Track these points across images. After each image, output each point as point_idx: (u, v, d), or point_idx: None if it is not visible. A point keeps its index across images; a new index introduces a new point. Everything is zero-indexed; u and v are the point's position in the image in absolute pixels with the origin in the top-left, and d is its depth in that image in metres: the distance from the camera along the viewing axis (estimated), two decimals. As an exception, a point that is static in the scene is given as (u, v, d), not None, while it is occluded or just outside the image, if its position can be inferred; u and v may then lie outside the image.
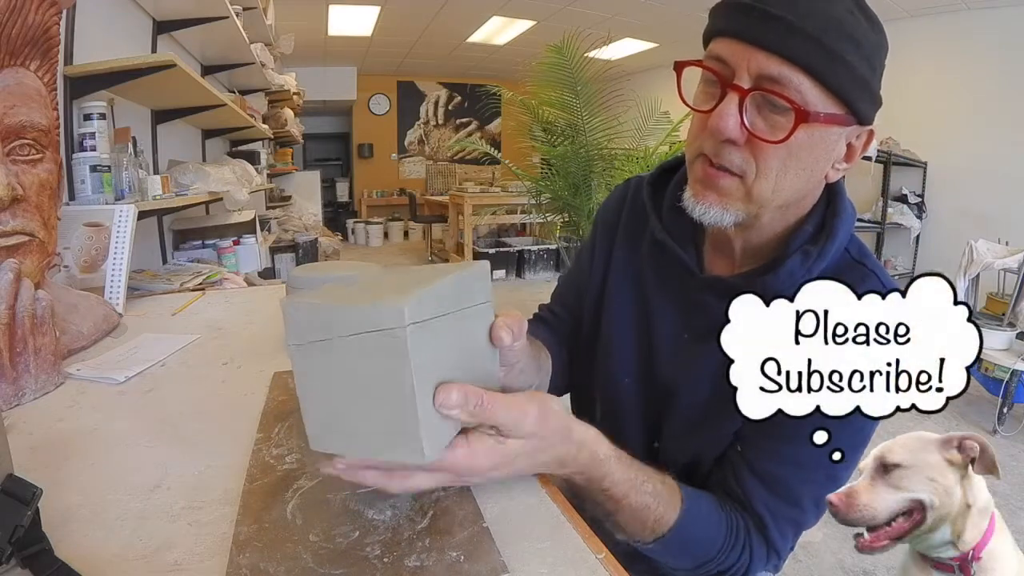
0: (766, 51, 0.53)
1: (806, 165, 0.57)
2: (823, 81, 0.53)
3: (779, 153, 0.55)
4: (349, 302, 0.39)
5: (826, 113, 0.54)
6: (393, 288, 0.42)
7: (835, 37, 0.52)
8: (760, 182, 0.57)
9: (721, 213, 0.59)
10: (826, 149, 0.57)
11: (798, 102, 0.53)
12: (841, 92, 0.54)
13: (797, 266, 0.60)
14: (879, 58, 0.56)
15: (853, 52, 0.53)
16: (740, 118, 0.54)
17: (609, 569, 0.42)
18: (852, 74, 0.53)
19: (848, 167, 0.61)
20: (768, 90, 0.53)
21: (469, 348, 0.46)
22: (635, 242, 0.75)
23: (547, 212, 3.88)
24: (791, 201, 0.61)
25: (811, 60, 0.52)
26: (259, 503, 0.48)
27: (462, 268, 0.46)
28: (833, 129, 0.56)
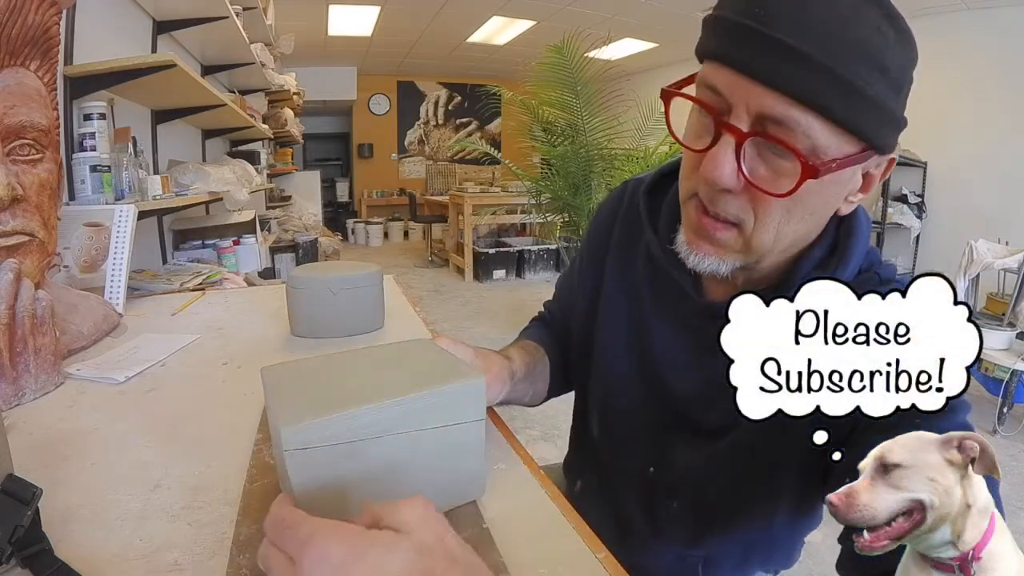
0: (769, 87, 0.44)
1: (814, 210, 0.51)
2: (838, 120, 0.44)
3: (782, 203, 0.48)
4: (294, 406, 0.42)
5: (840, 159, 0.46)
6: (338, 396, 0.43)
7: (855, 66, 0.43)
8: (759, 233, 0.51)
9: (717, 263, 0.54)
10: (838, 190, 0.51)
11: (804, 150, 0.45)
12: (860, 130, 0.45)
13: None
14: (908, 77, 0.46)
15: (878, 81, 0.44)
16: (737, 165, 0.47)
17: (609, 569, 0.42)
18: (874, 107, 0.44)
19: (864, 197, 0.54)
20: (770, 136, 0.46)
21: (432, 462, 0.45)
22: (630, 254, 0.70)
23: (547, 212, 3.88)
24: (796, 244, 0.55)
25: (824, 98, 0.43)
26: (259, 503, 0.48)
27: (457, 377, 0.46)
28: (848, 169, 0.48)
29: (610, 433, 0.73)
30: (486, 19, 5.82)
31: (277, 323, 1.05)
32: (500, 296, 5.09)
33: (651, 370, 0.67)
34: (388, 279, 1.22)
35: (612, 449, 0.73)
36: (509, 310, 4.56)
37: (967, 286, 2.74)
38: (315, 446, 0.40)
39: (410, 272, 6.21)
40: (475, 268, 5.72)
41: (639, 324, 0.68)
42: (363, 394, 0.43)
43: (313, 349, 0.92)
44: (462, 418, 0.46)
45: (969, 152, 4.36)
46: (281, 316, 1.03)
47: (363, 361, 0.51)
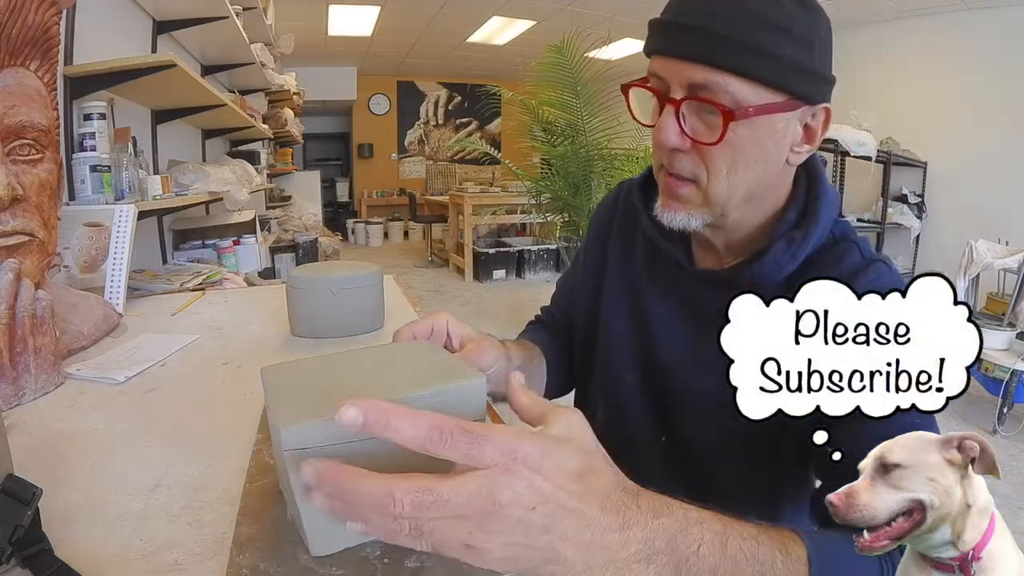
0: (690, 62, 0.55)
1: (755, 157, 0.58)
2: (750, 76, 0.54)
3: (724, 152, 0.57)
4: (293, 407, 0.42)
5: (759, 105, 0.55)
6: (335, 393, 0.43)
7: (754, 32, 0.53)
8: (713, 183, 0.59)
9: (687, 218, 0.62)
10: (774, 138, 0.58)
11: (727, 103, 0.54)
12: (773, 81, 0.55)
13: (782, 252, 0.61)
14: (816, 36, 0.56)
15: (780, 40, 0.53)
16: (680, 127, 0.57)
17: (609, 569, 0.42)
18: (781, 62, 0.54)
19: (811, 148, 0.61)
20: (698, 98, 0.56)
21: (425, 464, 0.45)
22: (629, 243, 0.77)
23: (547, 212, 3.88)
24: (754, 194, 0.61)
25: (732, 60, 0.54)
26: (259, 503, 0.48)
27: (457, 377, 0.46)
28: (776, 117, 0.56)
29: (616, 412, 0.75)
30: (486, 19, 5.82)
31: (277, 323, 1.05)
32: (500, 296, 5.10)
33: (650, 343, 0.71)
34: (388, 279, 1.22)
35: (619, 430, 0.74)
36: (509, 310, 4.57)
37: (967, 286, 2.74)
38: (315, 446, 0.40)
39: (410, 272, 6.21)
40: (475, 268, 5.72)
41: (639, 302, 0.73)
42: (363, 394, 0.43)
43: (313, 349, 0.92)
44: (462, 418, 0.46)
45: (969, 152, 4.36)
46: (281, 316, 1.03)
47: (363, 361, 0.51)
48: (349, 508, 0.34)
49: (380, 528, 0.33)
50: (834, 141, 3.96)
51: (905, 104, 4.67)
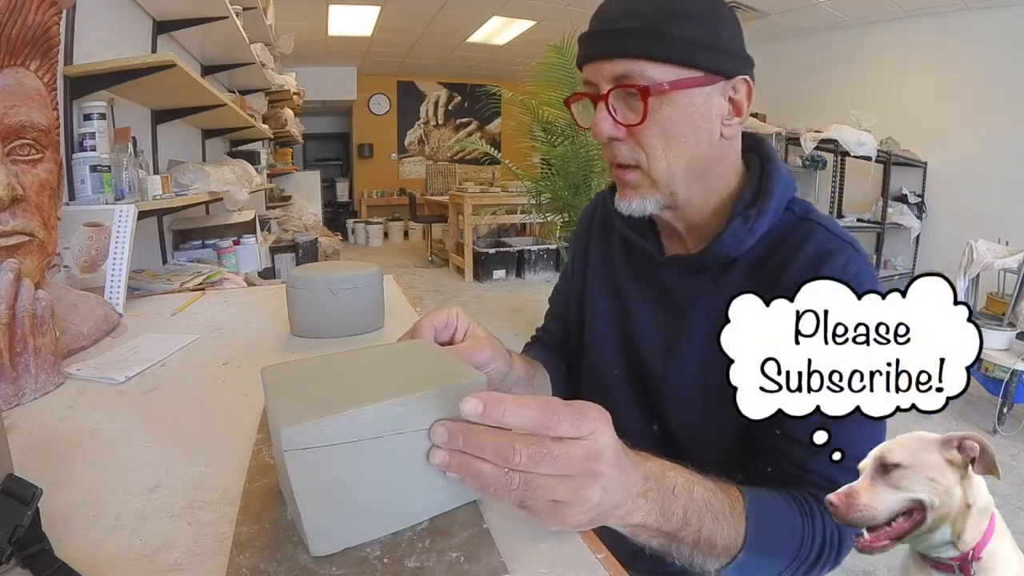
0: (610, 59, 0.62)
1: (684, 131, 0.62)
2: (660, 58, 0.60)
3: (654, 131, 0.62)
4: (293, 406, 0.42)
5: (673, 80, 0.60)
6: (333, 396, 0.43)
7: (660, 21, 0.60)
8: (653, 163, 0.64)
9: (641, 203, 0.66)
10: (700, 111, 0.62)
11: (644, 83, 0.60)
12: (682, 59, 0.60)
13: (739, 228, 0.64)
14: (720, 17, 0.62)
15: (685, 23, 0.60)
16: (612, 118, 0.63)
17: (609, 569, 0.42)
18: (687, 41, 0.60)
19: (741, 120, 0.65)
20: (621, 85, 0.62)
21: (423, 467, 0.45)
22: (607, 244, 0.81)
23: (547, 212, 3.88)
24: (695, 169, 0.65)
25: (643, 48, 0.60)
26: (259, 503, 0.48)
27: (457, 377, 0.46)
28: (694, 91, 0.61)
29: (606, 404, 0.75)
30: (486, 19, 5.82)
31: (277, 323, 1.05)
32: (500, 296, 5.10)
33: (631, 336, 0.74)
34: (388, 279, 1.22)
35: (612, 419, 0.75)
36: (509, 310, 4.57)
37: (967, 286, 2.74)
38: (315, 446, 0.40)
39: (410, 272, 6.21)
40: (475, 268, 5.72)
41: (621, 299, 0.77)
42: (363, 394, 0.43)
43: (313, 349, 0.92)
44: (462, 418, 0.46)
45: (969, 152, 4.36)
46: (281, 316, 1.03)
47: (363, 361, 0.51)
48: (467, 463, 0.41)
49: (493, 480, 0.40)
50: (834, 141, 3.96)
51: (905, 104, 4.67)
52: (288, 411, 0.41)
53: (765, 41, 5.49)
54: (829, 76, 5.25)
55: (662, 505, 0.46)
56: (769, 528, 0.53)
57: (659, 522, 0.46)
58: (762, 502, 0.54)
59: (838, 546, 0.58)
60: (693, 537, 0.48)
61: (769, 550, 0.54)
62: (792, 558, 0.56)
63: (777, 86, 5.28)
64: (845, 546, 0.59)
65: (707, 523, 0.49)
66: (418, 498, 0.45)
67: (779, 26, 5.26)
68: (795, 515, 0.56)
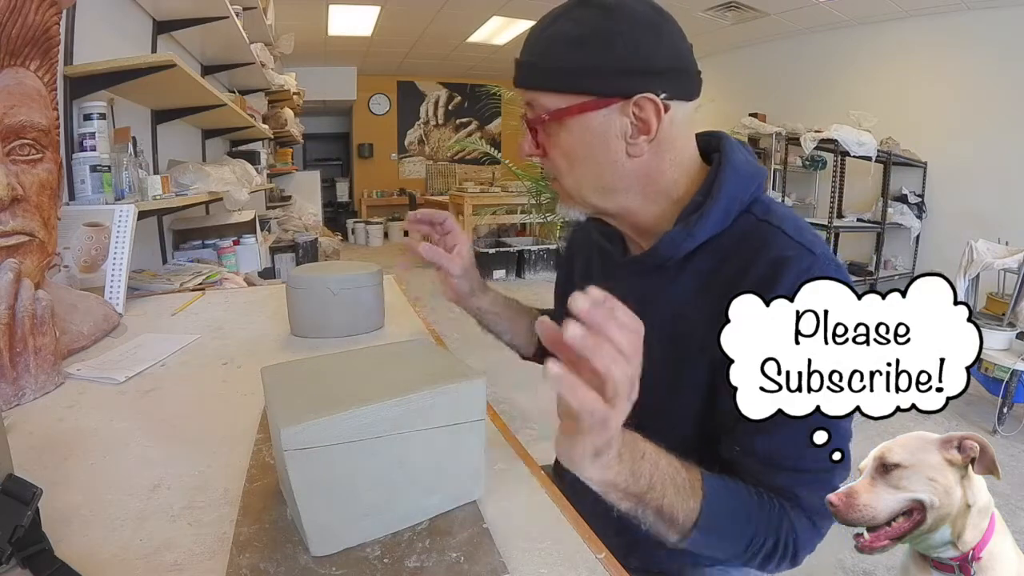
0: (521, 89, 0.67)
1: (584, 154, 0.65)
2: (548, 89, 0.63)
3: (557, 153, 0.66)
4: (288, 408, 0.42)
5: (555, 109, 0.63)
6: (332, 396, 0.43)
7: (549, 52, 0.63)
8: (564, 180, 0.68)
9: (567, 211, 0.71)
10: (596, 134, 0.64)
11: (539, 113, 0.64)
12: (569, 88, 0.62)
13: (677, 234, 0.65)
14: (615, 35, 0.61)
15: (573, 52, 0.61)
16: (530, 139, 0.67)
17: (609, 569, 0.42)
18: (570, 69, 0.62)
19: (650, 138, 0.64)
20: (525, 115, 0.67)
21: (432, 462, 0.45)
22: (588, 251, 0.84)
23: (547, 212, 3.89)
24: (609, 186, 0.66)
25: (533, 80, 0.65)
26: (259, 503, 0.48)
27: (457, 377, 0.46)
28: (589, 116, 0.62)
29: None
30: (486, 19, 5.82)
31: (277, 323, 1.05)
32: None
33: None
34: (388, 279, 1.22)
35: None
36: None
37: (967, 286, 2.74)
38: (315, 446, 0.40)
39: (410, 272, 6.21)
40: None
41: None
42: (363, 394, 0.43)
43: (313, 349, 0.92)
44: (462, 418, 0.46)
45: (969, 152, 4.36)
46: (281, 316, 1.03)
47: (363, 361, 0.51)
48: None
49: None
50: (834, 141, 3.96)
51: (905, 104, 4.67)
52: (288, 411, 0.41)
53: (765, 41, 5.48)
54: (829, 76, 5.25)
55: (632, 466, 0.49)
56: (723, 511, 0.55)
57: (628, 482, 0.49)
58: (720, 485, 0.56)
59: (794, 549, 0.59)
60: (657, 504, 0.51)
61: (720, 532, 0.56)
62: (745, 546, 0.57)
63: (777, 86, 5.27)
64: (803, 551, 0.60)
65: (669, 493, 0.52)
66: (418, 498, 0.45)
67: (779, 26, 5.26)
68: (752, 505, 0.57)
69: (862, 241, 4.77)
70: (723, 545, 0.58)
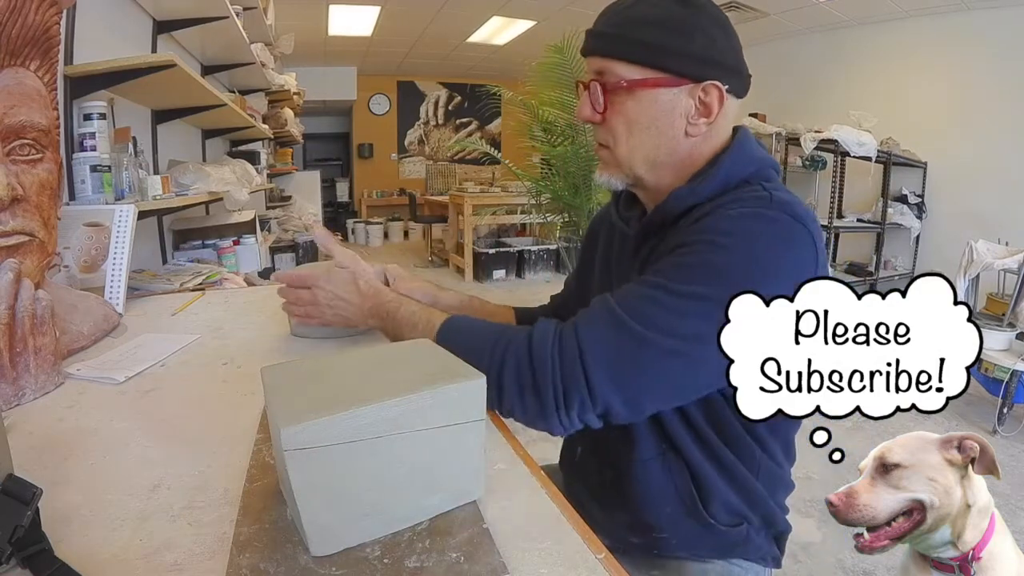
0: (592, 56, 0.72)
1: (647, 124, 0.70)
2: (628, 59, 0.68)
3: (620, 120, 0.71)
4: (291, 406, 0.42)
5: (633, 79, 0.68)
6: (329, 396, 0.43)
7: (633, 27, 0.68)
8: (618, 147, 0.72)
9: (609, 179, 0.75)
10: (662, 108, 0.69)
11: (612, 81, 0.69)
12: (648, 62, 0.68)
13: (683, 190, 0.70)
14: (695, 26, 0.68)
15: (654, 31, 0.67)
16: (590, 104, 0.72)
17: (609, 569, 0.42)
18: (655, 46, 0.67)
19: (708, 121, 0.70)
20: (595, 79, 0.71)
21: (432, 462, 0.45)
22: (609, 240, 0.86)
23: (547, 212, 3.88)
24: (657, 159, 0.72)
25: (615, 49, 0.70)
26: (259, 503, 0.48)
27: (457, 377, 0.46)
28: (660, 91, 0.68)
29: None
30: (486, 19, 5.82)
31: (277, 323, 1.05)
32: (500, 296, 5.09)
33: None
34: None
35: None
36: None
37: (967, 286, 2.74)
38: (315, 446, 0.40)
39: (410, 272, 6.21)
40: (475, 268, 5.72)
41: (610, 285, 0.81)
42: (363, 394, 0.43)
43: (313, 349, 0.92)
44: (462, 418, 0.46)
45: (969, 152, 4.36)
46: (281, 316, 1.03)
47: (363, 361, 0.51)
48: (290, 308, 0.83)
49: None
50: (834, 141, 3.96)
51: (905, 104, 4.67)
52: (288, 411, 0.41)
53: (765, 41, 5.49)
54: (829, 76, 5.25)
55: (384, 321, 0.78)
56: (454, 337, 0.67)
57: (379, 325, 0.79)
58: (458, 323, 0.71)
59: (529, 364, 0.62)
60: (394, 333, 0.76)
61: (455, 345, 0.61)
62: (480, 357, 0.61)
63: (777, 86, 5.28)
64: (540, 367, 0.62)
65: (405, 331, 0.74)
66: (418, 498, 0.45)
67: (779, 26, 5.26)
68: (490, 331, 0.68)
69: (862, 241, 4.78)
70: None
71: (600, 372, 0.59)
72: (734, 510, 0.74)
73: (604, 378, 0.59)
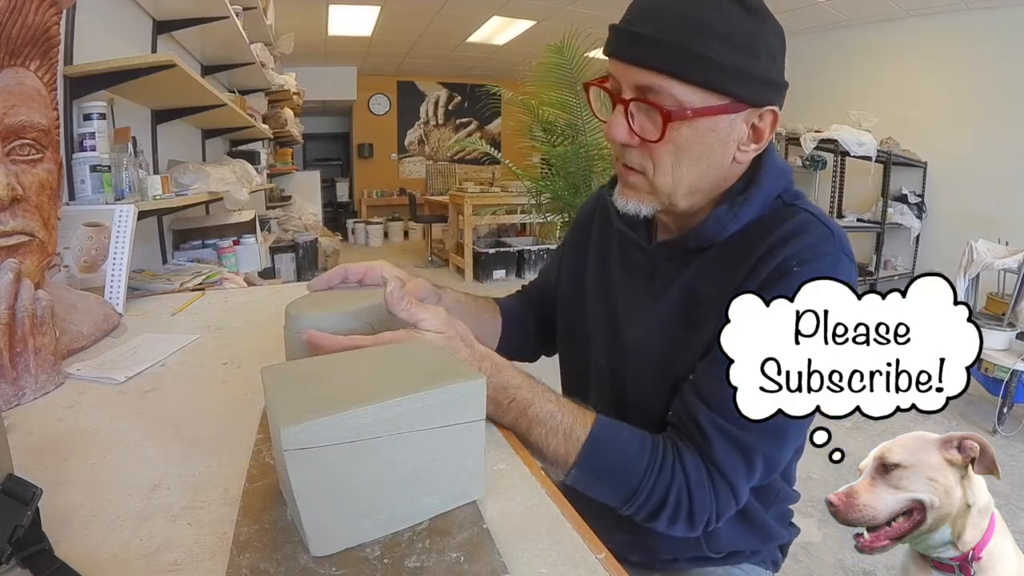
0: (639, 66, 0.59)
1: (699, 154, 0.61)
2: (691, 80, 0.57)
3: (668, 148, 0.61)
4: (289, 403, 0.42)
5: (699, 107, 0.58)
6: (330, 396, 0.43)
7: (697, 39, 0.56)
8: (659, 176, 0.63)
9: (637, 205, 0.66)
10: (718, 137, 0.61)
11: (670, 105, 0.58)
12: (713, 85, 0.58)
13: (724, 213, 0.64)
14: (763, 44, 0.59)
15: (722, 47, 0.56)
16: (628, 124, 0.61)
17: (609, 569, 0.42)
18: (722, 67, 0.57)
19: (758, 147, 0.64)
20: (644, 100, 0.60)
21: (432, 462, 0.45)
22: (606, 239, 0.81)
23: (547, 212, 3.88)
24: (700, 187, 0.65)
25: (674, 66, 0.57)
26: (259, 503, 0.48)
27: (457, 377, 0.46)
28: (720, 118, 0.60)
29: (578, 379, 0.82)
30: (486, 19, 5.82)
31: (277, 323, 1.05)
32: (500, 296, 5.09)
33: (617, 326, 0.75)
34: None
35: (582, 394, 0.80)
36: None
37: (967, 286, 2.74)
38: (315, 446, 0.40)
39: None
40: (475, 268, 5.72)
41: (610, 288, 0.78)
42: (363, 394, 0.43)
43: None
44: (462, 418, 0.46)
45: (969, 152, 4.36)
46: (281, 316, 1.03)
47: (363, 361, 0.51)
48: None
49: None
50: (834, 141, 3.96)
51: (905, 104, 4.67)
52: (288, 411, 0.41)
53: (765, 41, 5.48)
54: (829, 76, 5.25)
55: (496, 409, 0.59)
56: (603, 458, 0.59)
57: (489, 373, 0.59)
58: (609, 434, 0.60)
59: (688, 509, 0.60)
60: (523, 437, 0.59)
61: (600, 476, 0.60)
62: (628, 496, 0.60)
63: (777, 86, 5.27)
64: (700, 515, 0.60)
65: (535, 432, 0.59)
66: (418, 498, 0.45)
67: (779, 26, 5.26)
68: (642, 458, 0.60)
69: (862, 241, 4.77)
70: (604, 489, 0.61)
71: (745, 490, 0.62)
72: (741, 543, 0.73)
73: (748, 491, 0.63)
